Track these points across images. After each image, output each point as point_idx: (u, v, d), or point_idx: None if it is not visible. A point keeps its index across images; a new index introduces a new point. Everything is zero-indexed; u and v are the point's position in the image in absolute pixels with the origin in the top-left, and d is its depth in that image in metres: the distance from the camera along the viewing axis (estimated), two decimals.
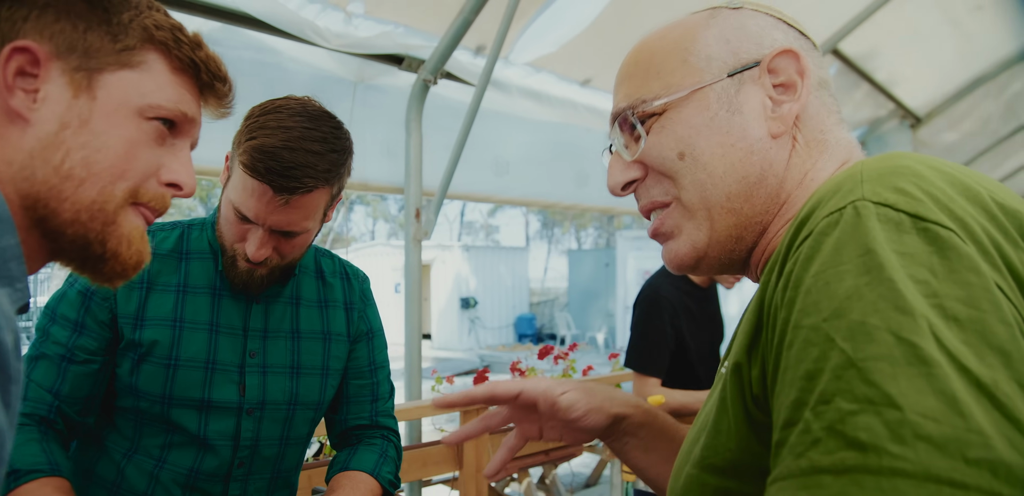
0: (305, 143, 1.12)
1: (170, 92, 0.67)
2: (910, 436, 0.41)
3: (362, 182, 2.72)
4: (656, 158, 0.73)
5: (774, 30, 0.73)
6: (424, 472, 2.41)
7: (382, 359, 1.49)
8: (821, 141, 0.71)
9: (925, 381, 0.43)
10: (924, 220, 0.50)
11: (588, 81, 3.50)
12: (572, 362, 3.29)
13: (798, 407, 0.48)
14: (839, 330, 0.47)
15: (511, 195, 3.53)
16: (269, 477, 1.31)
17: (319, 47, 2.41)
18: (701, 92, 0.71)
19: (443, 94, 2.96)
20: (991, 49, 5.03)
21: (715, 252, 0.73)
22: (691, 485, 0.66)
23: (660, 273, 2.75)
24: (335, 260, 1.47)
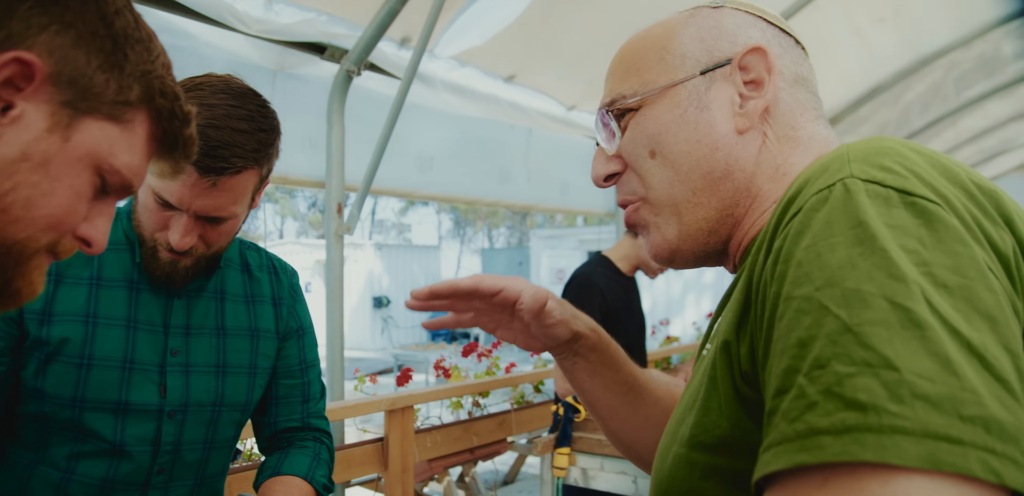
0: (231, 121, 1.06)
1: (136, 161, 0.63)
2: (908, 396, 0.42)
3: (281, 175, 2.62)
4: (631, 154, 0.76)
5: (751, 28, 0.75)
6: (348, 474, 2.33)
7: (313, 357, 1.42)
8: (793, 137, 0.73)
9: (920, 344, 0.44)
10: (911, 195, 0.51)
11: (512, 77, 3.48)
12: (496, 359, 3.27)
13: (790, 374, 0.48)
14: (833, 298, 0.48)
15: (433, 191, 3.48)
16: (192, 484, 1.22)
17: (237, 32, 2.30)
18: (673, 89, 0.73)
19: (366, 86, 2.89)
20: (890, 59, 5.31)
21: (688, 245, 0.75)
22: (679, 464, 0.66)
23: (592, 262, 2.79)
24: (262, 254, 1.39)
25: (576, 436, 2.17)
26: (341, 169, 2.67)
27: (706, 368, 0.67)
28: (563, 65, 3.60)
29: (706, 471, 0.63)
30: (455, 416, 3.08)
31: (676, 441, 0.69)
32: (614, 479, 2.10)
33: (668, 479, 0.68)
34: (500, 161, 3.89)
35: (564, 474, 2.16)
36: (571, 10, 3.17)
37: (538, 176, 4.16)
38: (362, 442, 2.41)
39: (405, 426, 2.48)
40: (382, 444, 2.43)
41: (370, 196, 2.84)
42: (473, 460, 2.96)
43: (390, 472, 2.44)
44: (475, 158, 3.71)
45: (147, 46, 0.60)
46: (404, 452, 2.46)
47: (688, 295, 13.80)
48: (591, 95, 3.96)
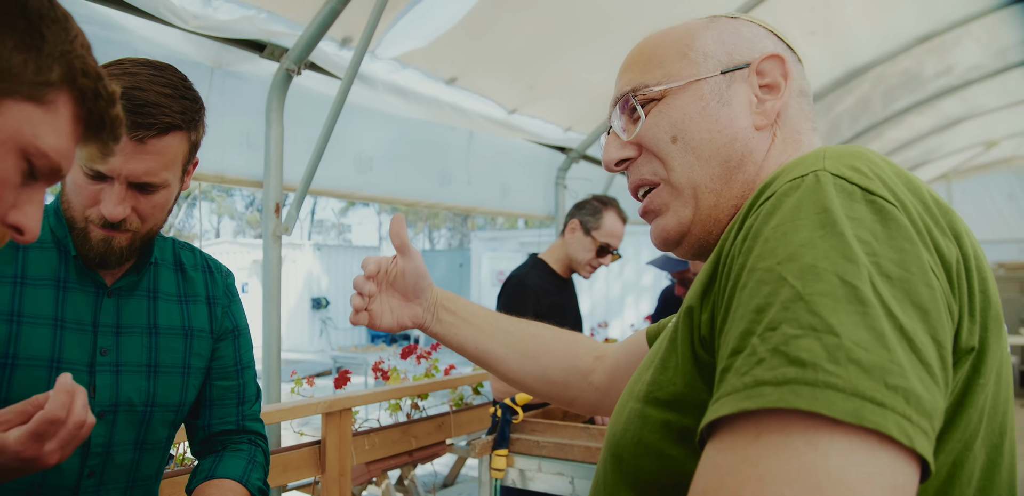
0: (155, 86, 1.07)
1: (63, 143, 0.60)
2: (844, 358, 0.48)
3: (218, 174, 2.57)
4: (651, 139, 0.82)
5: (765, 39, 0.83)
6: (284, 478, 2.30)
7: (248, 359, 1.40)
8: (796, 141, 0.81)
9: (860, 317, 0.50)
10: (873, 194, 0.57)
11: (454, 80, 3.49)
12: (435, 361, 3.26)
13: (746, 336, 0.53)
14: (791, 271, 0.53)
15: (373, 192, 3.45)
16: (124, 487, 1.20)
17: (174, 27, 2.25)
18: (697, 84, 0.80)
19: (306, 85, 2.85)
20: (822, 71, 5.49)
21: (697, 230, 0.81)
22: (632, 418, 0.72)
23: (526, 264, 2.81)
24: (196, 253, 1.38)
25: (514, 438, 2.19)
26: (279, 169, 2.63)
27: (668, 331, 0.73)
28: (505, 69, 3.63)
29: (656, 425, 0.68)
30: (394, 418, 3.07)
31: (632, 397, 0.74)
32: (551, 480, 2.12)
33: (622, 432, 0.74)
34: (441, 163, 3.89)
35: (502, 475, 2.17)
36: (513, 14, 3.20)
37: (479, 178, 4.17)
38: (299, 445, 2.38)
39: (343, 429, 2.46)
40: (319, 447, 2.41)
41: (310, 196, 2.80)
42: (412, 462, 2.94)
43: (327, 476, 2.41)
44: (416, 160, 3.69)
45: (64, 26, 0.58)
46: (342, 455, 2.44)
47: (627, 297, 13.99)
48: (532, 99, 4.00)
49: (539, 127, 4.33)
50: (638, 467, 0.70)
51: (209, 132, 2.53)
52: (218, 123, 2.56)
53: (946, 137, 8.31)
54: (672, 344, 0.70)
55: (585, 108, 4.47)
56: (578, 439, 2.12)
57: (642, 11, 3.63)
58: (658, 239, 0.85)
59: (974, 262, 0.60)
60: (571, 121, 4.54)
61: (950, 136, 8.30)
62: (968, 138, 8.69)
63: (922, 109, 7.06)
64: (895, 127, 7.40)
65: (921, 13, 5.08)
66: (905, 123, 7.39)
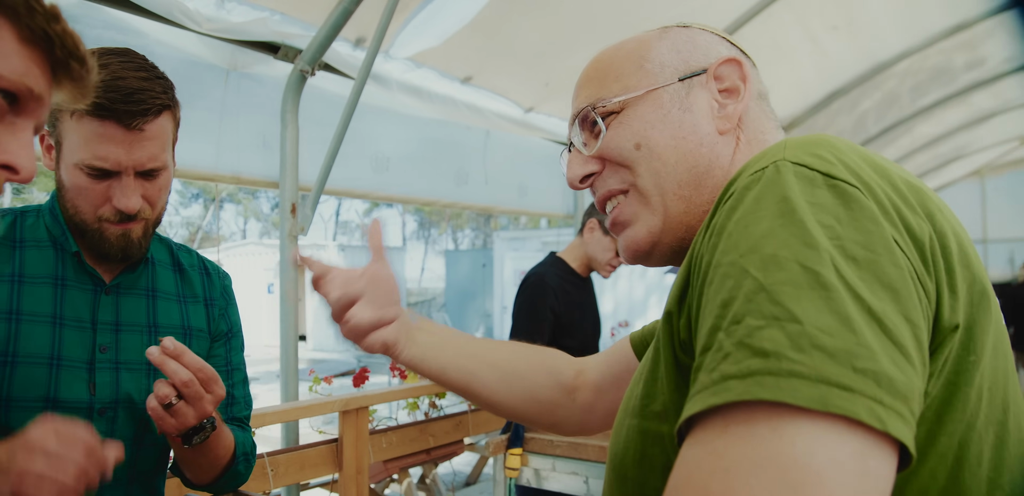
0: (129, 72, 1.09)
1: (15, 62, 0.58)
2: (807, 345, 0.47)
3: (235, 175, 2.59)
4: (614, 150, 0.81)
5: (719, 45, 0.83)
6: (302, 475, 2.32)
7: (238, 361, 1.41)
8: (762, 141, 0.81)
9: (824, 303, 0.49)
10: (834, 178, 0.57)
11: (469, 78, 3.49)
12: None
13: (713, 332, 0.53)
14: (753, 262, 0.53)
15: (390, 192, 3.46)
16: (126, 482, 1.21)
17: (189, 30, 2.27)
18: (655, 92, 0.80)
19: (321, 86, 2.87)
20: (845, 67, 5.41)
21: (668, 238, 0.81)
22: (632, 434, 0.71)
23: (544, 263, 2.81)
24: (194, 255, 1.40)
25: (528, 437, 2.19)
26: (295, 169, 2.65)
27: (653, 341, 0.72)
28: (520, 67, 3.62)
29: (654, 438, 0.67)
30: (412, 417, 3.08)
31: (629, 413, 0.73)
32: (565, 479, 2.12)
33: (623, 451, 0.72)
34: (458, 162, 3.89)
35: (516, 475, 2.17)
36: (527, 12, 3.19)
37: (496, 178, 4.17)
38: (316, 443, 2.39)
39: (360, 427, 2.47)
40: (337, 445, 2.42)
41: (334, 197, 2.82)
42: (430, 461, 2.95)
43: (344, 473, 2.43)
44: (432, 159, 3.70)
45: None
46: (359, 453, 2.45)
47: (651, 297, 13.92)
48: (549, 97, 3.99)
49: (556, 125, 4.32)
50: (643, 484, 0.69)
51: (225, 133, 2.58)
52: (234, 124, 2.59)
53: (978, 132, 8.15)
54: (656, 353, 0.69)
55: None
56: (593, 438, 2.11)
57: (656, 6, 3.60)
58: (627, 251, 0.84)
59: (953, 239, 0.59)
60: None
61: (983, 131, 8.14)
62: (1001, 133, 8.52)
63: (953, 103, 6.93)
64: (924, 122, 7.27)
65: (950, 5, 4.98)
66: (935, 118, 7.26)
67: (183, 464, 1.27)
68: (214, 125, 2.54)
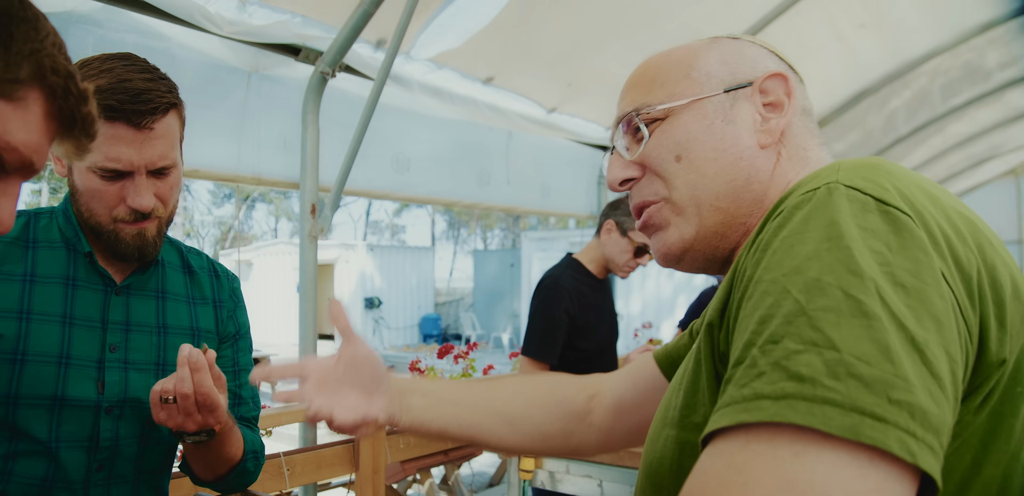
0: (134, 74, 1.11)
1: (34, 139, 0.62)
2: (844, 373, 0.47)
3: (256, 176, 2.62)
4: (655, 158, 0.81)
5: (767, 59, 0.84)
6: (319, 475, 2.33)
7: (246, 362, 1.41)
8: (803, 157, 0.81)
9: (865, 331, 0.49)
10: (886, 204, 0.57)
11: (491, 79, 3.49)
12: (472, 361, 3.27)
13: (748, 347, 0.54)
14: (795, 284, 0.53)
15: (412, 192, 3.48)
16: (132, 479, 1.22)
17: (210, 34, 2.30)
18: (700, 103, 0.80)
19: (342, 87, 2.89)
20: (874, 65, 5.33)
21: (700, 246, 0.81)
22: (669, 444, 0.71)
23: (560, 265, 2.79)
24: (203, 257, 1.41)
25: None
26: (315, 170, 2.67)
27: (693, 352, 0.73)
28: (542, 67, 3.61)
29: (693, 449, 0.66)
30: None
31: (667, 423, 0.73)
32: (580, 482, 2.11)
33: (659, 459, 0.73)
34: (480, 163, 3.90)
35: (531, 477, 2.17)
36: (548, 12, 3.18)
37: (519, 178, 4.17)
38: (333, 443, 2.41)
39: None
40: (353, 445, 2.44)
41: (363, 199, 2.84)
42: (448, 462, 2.96)
43: (361, 473, 2.44)
44: (454, 160, 3.71)
45: (34, 26, 0.60)
46: (375, 453, 2.46)
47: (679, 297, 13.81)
48: (571, 97, 3.97)
49: (579, 126, 4.30)
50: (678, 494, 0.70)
51: (246, 134, 2.61)
52: (255, 126, 2.62)
53: (1013, 131, 7.97)
54: (697, 364, 0.69)
55: None
56: None
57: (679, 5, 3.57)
58: (659, 254, 0.85)
59: (1005, 271, 0.59)
60: (612, 120, 4.49)
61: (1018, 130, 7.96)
62: None
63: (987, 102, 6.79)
64: (957, 121, 7.12)
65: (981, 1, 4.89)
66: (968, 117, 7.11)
67: (192, 459, 1.28)
68: (236, 126, 2.57)
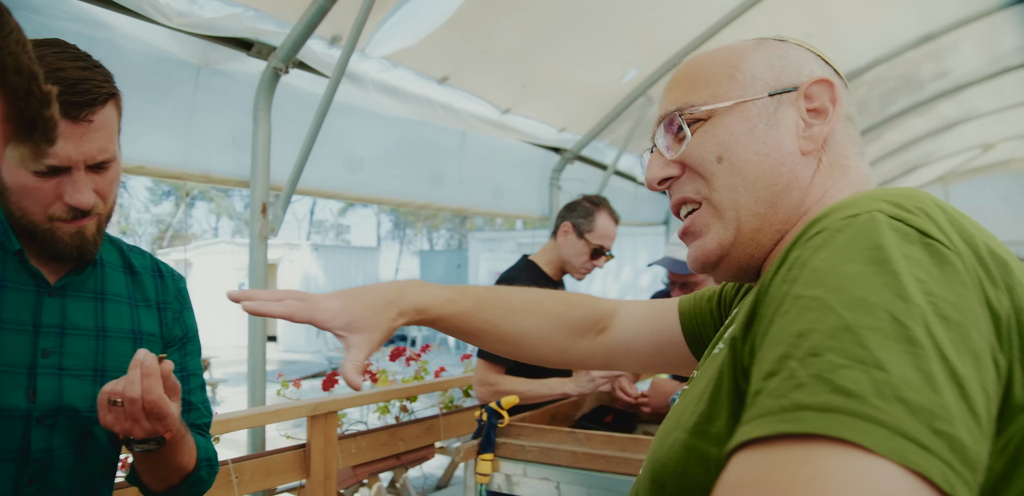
0: (66, 62, 1.05)
1: None
2: (891, 395, 0.46)
3: (204, 173, 2.54)
4: (696, 158, 0.81)
5: (812, 63, 0.83)
6: (268, 482, 2.27)
7: (195, 366, 1.35)
8: (843, 165, 0.81)
9: (910, 358, 0.48)
10: (929, 236, 0.57)
11: (446, 79, 3.46)
12: (424, 364, 3.24)
13: (783, 360, 0.52)
14: (840, 301, 0.52)
15: (364, 192, 3.42)
16: (69, 492, 1.15)
17: (159, 25, 2.22)
18: (744, 105, 0.79)
19: (295, 84, 2.83)
20: None
21: (737, 252, 0.81)
22: (677, 448, 0.70)
23: (517, 266, 2.77)
24: (146, 256, 1.34)
25: (499, 442, 2.16)
26: (266, 169, 2.60)
27: (719, 363, 0.71)
28: (497, 67, 3.60)
29: (701, 458, 0.67)
30: (382, 421, 3.04)
31: (680, 426, 0.73)
32: (537, 485, 2.09)
33: (664, 460, 0.73)
34: (433, 163, 3.86)
35: (487, 480, 2.14)
36: (504, 12, 3.17)
37: (472, 179, 4.14)
38: (283, 449, 2.35)
39: (328, 432, 2.43)
40: (304, 451, 2.38)
41: (308, 197, 2.77)
42: (400, 466, 2.92)
43: (312, 479, 2.38)
44: (407, 160, 3.66)
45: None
46: (327, 459, 2.41)
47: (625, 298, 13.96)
48: (525, 98, 3.97)
49: (533, 127, 4.31)
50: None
51: (195, 131, 2.52)
52: (205, 122, 2.54)
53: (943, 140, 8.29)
54: (719, 376, 0.69)
55: (579, 108, 4.45)
56: (564, 443, 2.09)
57: (635, 10, 3.60)
58: (696, 262, 0.85)
59: None
60: (565, 122, 4.51)
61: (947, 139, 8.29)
62: (965, 141, 8.68)
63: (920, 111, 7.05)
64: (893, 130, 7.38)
65: (918, 16, 5.06)
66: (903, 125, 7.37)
67: (141, 469, 1.21)
68: (183, 122, 2.48)
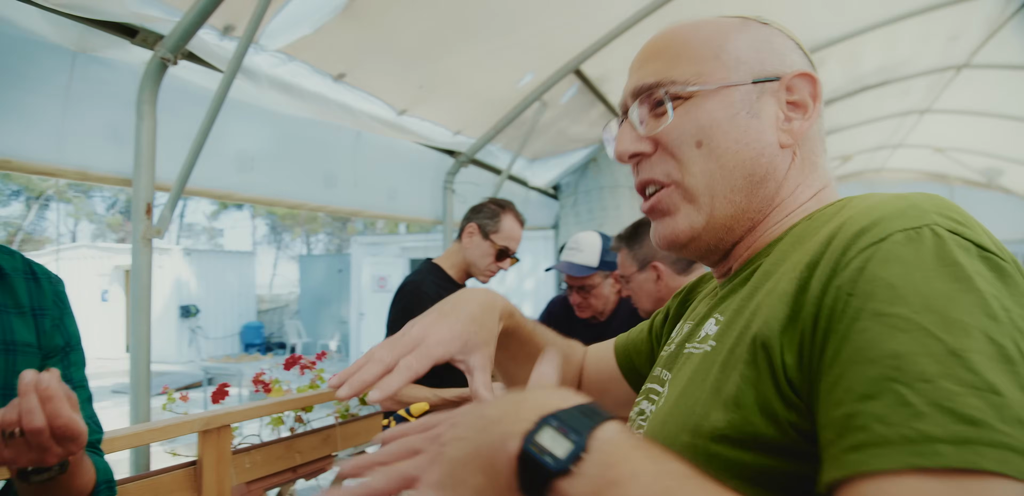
0: None
1: None
2: (1011, 418, 0.48)
3: (80, 170, 2.32)
4: (674, 140, 0.78)
5: (793, 53, 0.81)
6: None
7: (80, 378, 1.23)
8: (813, 163, 0.81)
9: (1012, 377, 0.50)
10: (986, 250, 0.58)
11: (342, 76, 3.34)
12: (321, 371, 3.10)
13: (882, 382, 0.52)
14: (934, 323, 0.52)
15: (254, 193, 3.24)
16: None
17: (30, 3, 2.01)
18: (727, 90, 0.77)
19: (181, 76, 2.64)
20: None
21: (707, 236, 0.80)
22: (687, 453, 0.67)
23: (422, 270, 2.71)
24: (17, 257, 1.20)
25: None
26: (151, 166, 2.41)
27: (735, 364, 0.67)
28: (396, 67, 3.51)
29: (726, 464, 0.64)
30: (276, 433, 2.89)
31: (687, 430, 0.69)
32: None
33: None
34: (326, 164, 3.72)
35: None
36: (406, 8, 3.09)
37: (366, 181, 4.03)
38: (172, 467, 2.17)
39: (221, 447, 2.27)
40: (195, 468, 2.21)
41: (180, 198, 2.60)
42: (298, 478, 2.78)
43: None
44: (300, 160, 3.51)
45: None
46: (220, 476, 2.25)
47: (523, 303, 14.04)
48: (422, 100, 3.90)
49: (428, 129, 4.24)
50: None
51: (71, 124, 2.31)
52: (81, 114, 2.33)
53: None
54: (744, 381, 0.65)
55: (475, 112, 4.42)
56: None
57: (537, 14, 3.61)
58: (665, 240, 0.83)
59: None
60: (460, 124, 4.47)
61: None
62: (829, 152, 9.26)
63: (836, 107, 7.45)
64: None
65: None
66: None
67: None
68: (56, 114, 2.26)
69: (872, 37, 5.39)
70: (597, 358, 1.13)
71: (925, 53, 6.02)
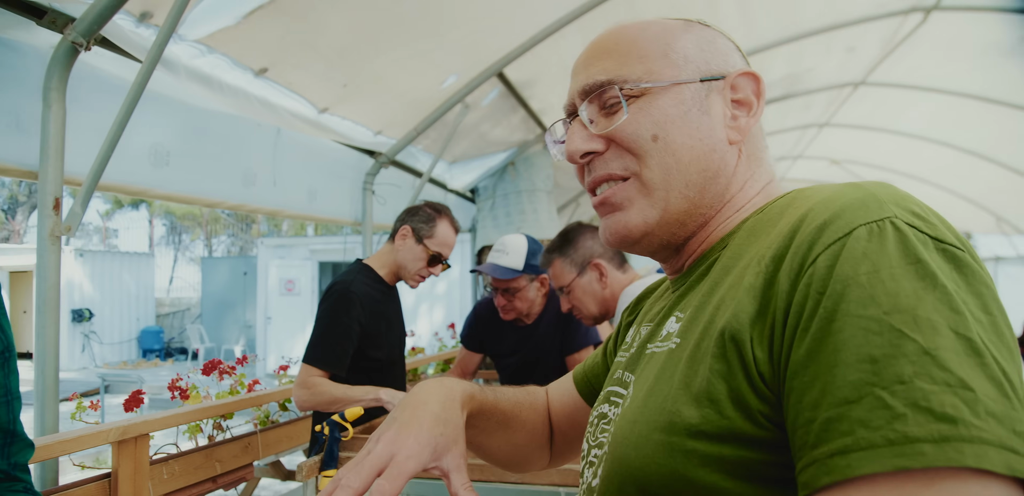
0: None
1: None
2: (983, 412, 0.50)
3: None
4: (630, 135, 0.79)
5: (734, 54, 0.84)
6: None
7: (16, 387, 1.14)
8: (758, 158, 0.84)
9: (981, 370, 0.52)
10: (943, 242, 0.60)
11: (264, 71, 3.22)
12: (242, 376, 2.98)
13: (860, 386, 0.53)
14: (906, 323, 0.54)
15: (170, 190, 3.08)
16: None
17: None
18: (678, 87, 0.79)
19: (92, 63, 2.49)
20: None
21: (660, 231, 0.80)
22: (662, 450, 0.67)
23: (353, 270, 2.65)
24: None
25: (343, 456, 2.02)
26: (60, 158, 2.25)
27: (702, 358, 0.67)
28: (320, 63, 3.42)
29: (704, 459, 0.64)
30: (193, 442, 2.75)
31: (656, 428, 0.68)
32: None
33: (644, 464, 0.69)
34: (246, 162, 3.58)
35: None
36: (333, 6, 3.02)
37: (286, 180, 3.90)
38: (85, 480, 2.03)
39: (138, 458, 2.14)
40: (110, 481, 2.08)
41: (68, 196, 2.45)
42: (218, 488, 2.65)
43: None
44: (218, 156, 3.36)
45: None
46: (137, 489, 2.12)
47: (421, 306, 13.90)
48: (345, 98, 3.81)
49: (349, 129, 4.14)
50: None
51: None
52: None
53: None
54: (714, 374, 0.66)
55: (397, 112, 4.35)
56: None
57: (464, 16, 3.59)
58: (616, 235, 0.82)
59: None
60: (382, 125, 4.39)
61: None
62: None
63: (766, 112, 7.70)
64: None
65: None
66: None
67: None
68: None
69: (778, 52, 5.62)
70: (560, 393, 1.14)
71: (824, 69, 6.33)
